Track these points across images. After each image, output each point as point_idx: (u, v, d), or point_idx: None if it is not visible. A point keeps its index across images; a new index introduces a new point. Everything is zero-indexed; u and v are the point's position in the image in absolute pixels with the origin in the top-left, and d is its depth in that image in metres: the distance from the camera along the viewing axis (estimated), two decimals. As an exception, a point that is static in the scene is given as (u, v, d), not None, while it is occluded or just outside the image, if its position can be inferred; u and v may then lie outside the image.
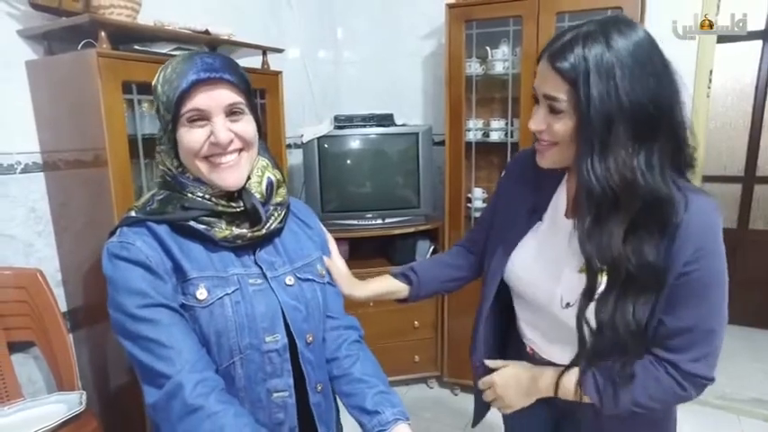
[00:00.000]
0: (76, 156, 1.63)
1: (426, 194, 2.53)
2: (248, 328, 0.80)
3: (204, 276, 0.79)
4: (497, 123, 2.48)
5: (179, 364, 0.73)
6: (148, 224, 0.80)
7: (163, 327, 0.74)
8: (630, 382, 0.83)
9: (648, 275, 0.77)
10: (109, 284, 0.77)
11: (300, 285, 0.89)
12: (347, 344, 0.98)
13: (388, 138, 2.51)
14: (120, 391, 1.81)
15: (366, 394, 0.91)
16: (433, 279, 1.17)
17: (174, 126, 0.78)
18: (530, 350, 1.04)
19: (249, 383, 0.82)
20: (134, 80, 1.58)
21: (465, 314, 2.52)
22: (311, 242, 0.97)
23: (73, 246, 1.77)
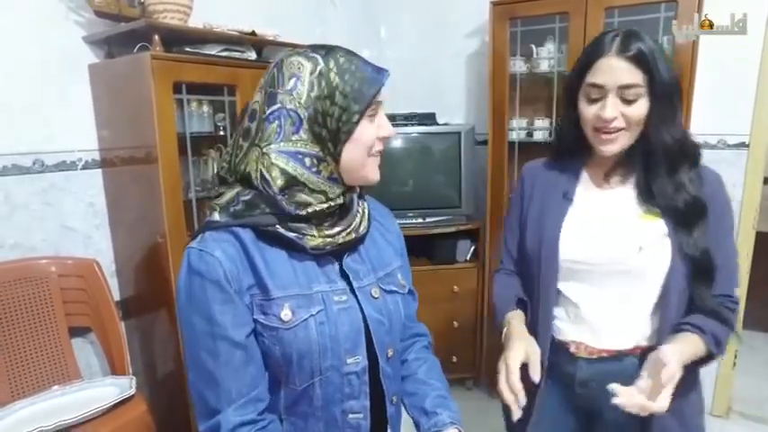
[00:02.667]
0: (130, 153, 1.72)
1: (468, 194, 2.50)
2: (331, 350, 0.77)
3: (289, 296, 0.76)
4: (541, 123, 2.43)
5: (224, 402, 0.74)
6: (233, 229, 0.76)
7: (220, 362, 0.73)
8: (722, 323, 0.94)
9: (700, 207, 0.94)
10: (181, 294, 0.75)
11: (385, 298, 0.86)
12: (417, 348, 0.99)
13: (430, 137, 2.50)
14: (167, 378, 1.90)
15: (427, 395, 0.92)
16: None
17: (359, 119, 0.75)
18: (574, 350, 1.02)
19: (326, 404, 0.80)
20: (184, 80, 1.65)
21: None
22: (391, 247, 0.93)
23: (126, 239, 1.88)
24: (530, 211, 1.08)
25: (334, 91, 0.73)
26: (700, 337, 0.91)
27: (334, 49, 0.77)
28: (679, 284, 0.94)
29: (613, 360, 0.99)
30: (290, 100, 0.74)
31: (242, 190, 0.78)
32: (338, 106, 0.73)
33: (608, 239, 0.97)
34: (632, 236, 0.96)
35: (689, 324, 0.93)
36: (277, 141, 0.74)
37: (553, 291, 1.02)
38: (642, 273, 0.95)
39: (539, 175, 1.10)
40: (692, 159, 0.96)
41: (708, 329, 0.92)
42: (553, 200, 1.05)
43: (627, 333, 0.99)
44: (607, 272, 0.97)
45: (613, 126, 0.93)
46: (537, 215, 1.06)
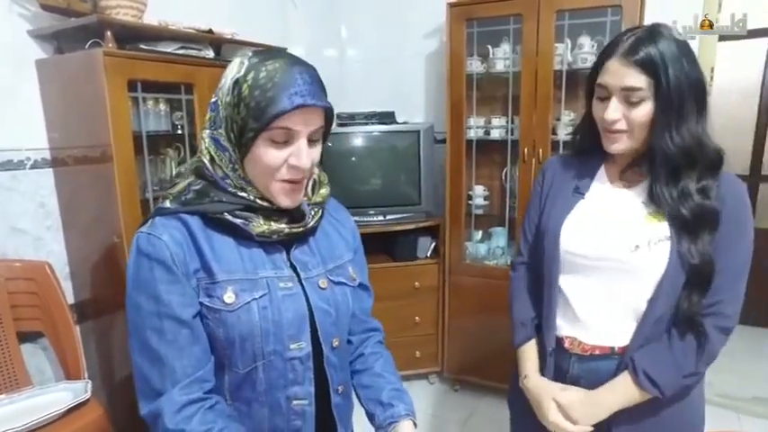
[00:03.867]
0: (84, 152, 1.68)
1: (428, 191, 2.55)
2: (273, 334, 0.79)
3: (233, 279, 0.78)
4: (498, 121, 2.50)
5: (169, 382, 0.74)
6: (181, 216, 0.78)
7: (165, 341, 0.74)
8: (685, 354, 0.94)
9: (710, 216, 0.93)
10: (129, 280, 0.76)
11: (333, 289, 0.88)
12: (372, 343, 1.02)
13: (390, 135, 2.54)
14: (125, 381, 1.86)
15: (383, 388, 0.94)
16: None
17: (254, 137, 0.75)
18: (569, 345, 1.04)
19: (270, 389, 0.81)
20: (139, 78, 1.62)
21: (465, 311, 2.56)
22: (343, 242, 0.95)
23: (80, 240, 1.83)
24: (546, 203, 1.11)
25: (241, 102, 0.75)
26: (633, 383, 0.95)
27: (273, 58, 0.76)
28: (671, 288, 0.94)
29: (604, 358, 1.01)
30: (219, 97, 0.78)
31: (194, 180, 0.81)
32: (240, 117, 0.75)
33: (607, 235, 0.99)
34: (631, 235, 0.97)
35: (632, 362, 0.96)
36: (210, 128, 0.80)
37: (555, 284, 1.04)
38: (635, 272, 0.96)
39: (559, 169, 1.12)
40: (710, 166, 0.94)
41: (642, 371, 0.94)
42: (565, 193, 1.07)
43: (618, 331, 1.00)
44: (603, 267, 0.99)
45: (615, 128, 0.94)
46: (549, 207, 1.09)
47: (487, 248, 2.60)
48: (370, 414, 0.94)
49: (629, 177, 1.02)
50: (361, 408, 0.97)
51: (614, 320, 1.00)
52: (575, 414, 0.98)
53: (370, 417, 0.94)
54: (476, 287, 2.52)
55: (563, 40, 2.22)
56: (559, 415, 1.00)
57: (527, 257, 1.17)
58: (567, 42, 2.24)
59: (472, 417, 2.46)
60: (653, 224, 0.96)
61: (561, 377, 1.06)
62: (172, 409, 0.73)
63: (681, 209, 0.93)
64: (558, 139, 2.30)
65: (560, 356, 1.06)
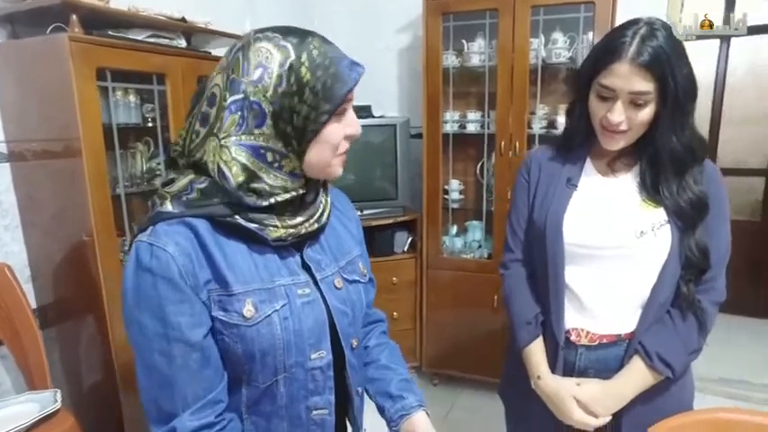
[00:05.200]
0: (46, 146, 1.56)
1: (404, 186, 2.54)
2: (295, 345, 0.74)
3: (251, 291, 0.72)
4: (474, 115, 2.51)
5: (180, 407, 0.70)
6: (187, 220, 0.70)
7: (175, 366, 0.69)
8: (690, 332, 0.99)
9: (702, 204, 0.97)
10: (128, 295, 0.69)
11: (348, 288, 0.84)
12: (377, 334, 0.99)
13: (366, 129, 2.47)
14: (95, 390, 1.75)
15: (392, 380, 0.92)
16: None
17: (328, 119, 0.70)
18: (575, 337, 1.05)
19: (290, 402, 0.77)
20: (108, 66, 1.52)
21: (443, 304, 2.57)
22: (350, 235, 0.91)
23: (42, 240, 1.70)
24: (536, 196, 1.10)
25: (304, 87, 0.68)
26: (647, 367, 0.99)
27: (307, 37, 0.71)
28: (674, 271, 0.97)
29: (612, 346, 1.03)
30: (254, 92, 0.68)
31: (196, 177, 0.72)
32: (306, 104, 0.68)
33: (610, 224, 1.00)
34: (633, 221, 0.99)
35: (642, 347, 1.00)
36: (237, 134, 0.69)
37: (562, 277, 1.04)
38: (641, 257, 0.99)
39: (544, 162, 1.12)
40: (698, 157, 0.98)
41: (655, 354, 0.98)
42: (558, 186, 1.07)
43: (625, 317, 1.02)
44: (608, 256, 1.00)
45: (618, 129, 0.95)
46: (542, 201, 1.08)
47: (464, 242, 2.62)
48: (380, 407, 0.91)
49: (617, 167, 1.05)
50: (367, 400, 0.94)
51: (620, 308, 1.02)
52: (596, 408, 1.00)
53: (380, 409, 0.92)
54: (453, 281, 2.53)
55: (537, 35, 2.25)
56: (582, 412, 1.01)
57: (519, 254, 1.16)
58: (541, 38, 2.27)
59: (453, 410, 2.48)
60: (650, 210, 0.99)
61: (569, 370, 1.07)
62: None
63: (680, 201, 0.96)
64: (533, 133, 2.34)
65: (567, 349, 1.06)
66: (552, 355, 1.08)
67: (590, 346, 1.04)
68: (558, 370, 1.07)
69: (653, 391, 1.01)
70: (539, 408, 1.08)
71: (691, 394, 1.09)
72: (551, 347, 1.08)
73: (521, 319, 1.11)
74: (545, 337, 1.10)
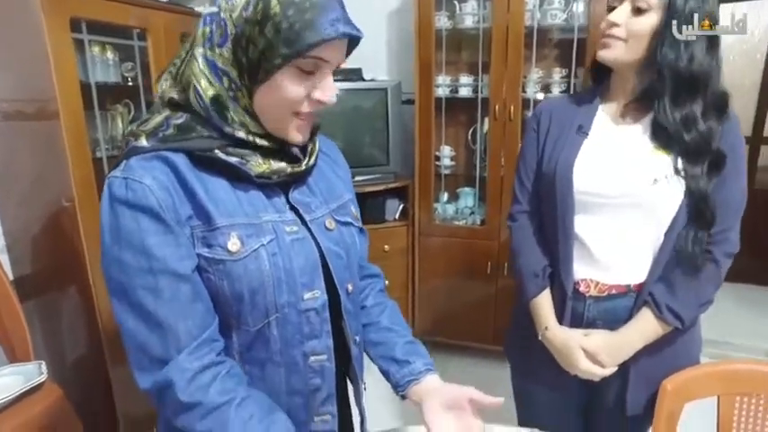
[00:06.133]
0: (18, 107, 1.46)
1: (395, 152, 2.48)
2: (286, 283, 0.70)
3: (236, 224, 0.67)
4: (466, 79, 2.45)
5: (173, 348, 0.63)
6: (163, 154, 0.65)
7: (163, 300, 0.63)
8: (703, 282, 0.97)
9: (707, 147, 0.93)
10: (105, 233, 0.64)
11: (340, 229, 0.80)
12: (374, 292, 0.94)
13: (357, 93, 2.42)
14: (81, 363, 1.70)
15: (396, 343, 0.87)
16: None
17: (280, 64, 0.63)
18: (584, 288, 1.03)
19: (285, 346, 0.72)
20: (83, 17, 1.42)
21: (435, 272, 2.55)
22: (341, 181, 0.86)
23: (17, 209, 1.61)
24: (546, 146, 1.07)
25: (268, 20, 0.62)
26: (656, 318, 0.98)
27: None
28: (686, 221, 0.96)
29: (621, 297, 1.02)
30: (225, 8, 0.64)
31: (172, 113, 0.68)
32: (265, 38, 0.62)
33: (622, 171, 0.98)
34: (646, 169, 0.96)
35: (652, 297, 0.98)
36: (205, 47, 0.66)
37: (571, 227, 1.01)
38: (654, 206, 0.97)
39: (555, 111, 1.09)
40: (716, 107, 0.94)
41: (665, 306, 0.97)
42: (568, 134, 1.04)
43: (635, 267, 1.00)
44: (620, 204, 0.98)
45: (612, 32, 0.94)
46: (552, 149, 1.05)
47: (456, 209, 2.59)
48: (384, 372, 0.87)
49: (629, 115, 1.02)
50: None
51: (630, 258, 1.01)
52: (603, 358, 0.99)
53: (385, 375, 0.87)
54: (445, 248, 2.50)
55: (532, -5, 2.19)
56: (588, 362, 1.00)
57: (527, 206, 1.13)
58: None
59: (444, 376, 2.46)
60: (662, 157, 0.96)
61: (577, 321, 1.06)
62: (184, 378, 0.63)
63: (684, 135, 0.93)
64: (527, 98, 2.29)
65: (575, 300, 1.05)
66: (560, 307, 1.06)
67: (599, 297, 1.03)
68: (565, 321, 1.05)
69: (661, 343, 1.00)
70: (545, 362, 1.07)
71: (698, 347, 1.09)
72: (559, 299, 1.06)
73: (529, 271, 1.09)
74: (553, 289, 1.08)
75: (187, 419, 0.64)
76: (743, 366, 1.04)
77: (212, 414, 0.63)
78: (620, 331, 1.00)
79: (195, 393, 0.63)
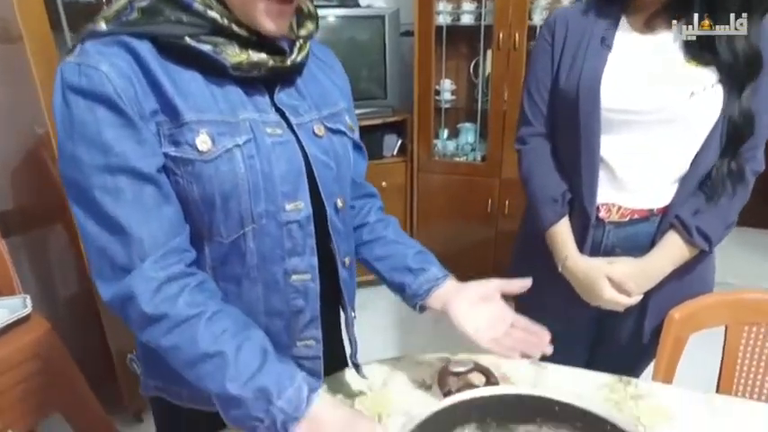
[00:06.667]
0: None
1: (393, 85, 2.36)
2: (264, 190, 0.63)
3: (206, 120, 0.59)
4: (469, 5, 2.29)
5: (137, 255, 0.57)
6: (124, 39, 0.57)
7: (124, 202, 0.56)
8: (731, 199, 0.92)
9: (756, 61, 0.85)
10: (59, 127, 0.57)
11: (331, 138, 0.72)
12: (375, 209, 0.89)
13: (353, 22, 2.27)
14: (72, 300, 1.67)
15: (406, 254, 0.82)
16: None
17: None
18: (605, 214, 0.97)
19: (263, 262, 0.67)
20: None
21: (434, 209, 2.49)
22: (336, 88, 0.78)
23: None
24: (563, 61, 0.97)
25: None
26: (685, 241, 0.92)
27: None
28: (720, 139, 0.89)
29: (643, 222, 0.96)
30: None
31: None
32: None
33: (656, 85, 0.89)
34: (681, 81, 0.88)
35: (680, 220, 0.92)
36: None
37: (597, 147, 0.93)
38: (689, 122, 0.89)
39: (572, 20, 0.98)
40: (755, 7, 0.85)
41: (694, 227, 0.91)
42: (590, 46, 0.94)
43: (661, 190, 0.95)
44: (650, 121, 0.90)
45: None
46: (571, 62, 0.96)
47: (456, 145, 2.51)
48: (398, 285, 0.82)
49: (656, 25, 0.92)
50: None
51: (656, 180, 0.94)
52: (630, 286, 0.94)
53: (398, 288, 0.82)
54: (445, 185, 2.45)
55: None
56: (614, 291, 0.95)
57: (541, 127, 1.04)
58: None
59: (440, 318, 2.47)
60: (698, 69, 0.88)
61: (595, 250, 1.00)
62: (148, 289, 0.57)
63: (738, 53, 0.84)
64: (534, 24, 2.14)
65: (594, 227, 0.98)
66: (580, 235, 1.00)
67: (620, 222, 0.97)
68: (585, 250, 1.00)
69: (681, 269, 0.95)
70: (552, 295, 1.02)
71: (713, 273, 1.04)
72: (579, 226, 1.00)
73: (546, 196, 1.01)
74: (571, 217, 1.01)
75: (152, 334, 0.58)
76: (753, 296, 0.99)
77: (180, 327, 0.57)
78: (648, 257, 0.95)
79: (161, 305, 0.57)
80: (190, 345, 0.57)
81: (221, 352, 0.57)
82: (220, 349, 0.57)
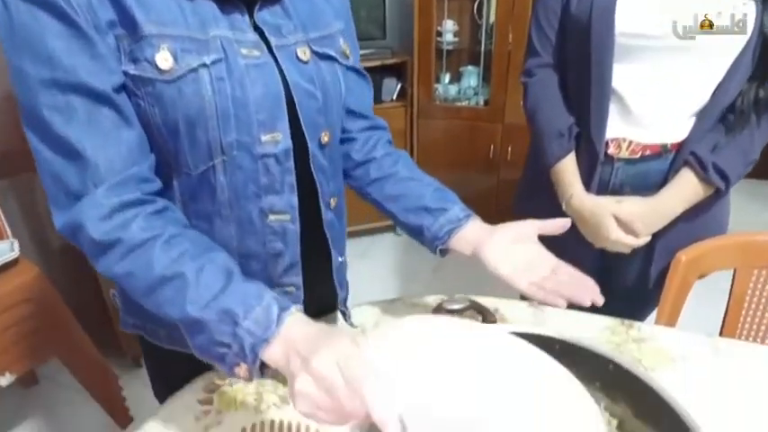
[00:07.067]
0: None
1: (393, 26, 2.25)
2: (236, 117, 0.57)
3: (169, 35, 0.53)
4: (474, -64, 2.15)
5: (90, 181, 0.52)
6: None
7: (77, 123, 0.51)
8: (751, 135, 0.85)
9: None
10: (3, 38, 0.50)
11: (318, 64, 0.64)
12: (382, 143, 0.79)
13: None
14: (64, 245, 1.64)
15: (424, 192, 0.74)
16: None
17: None
18: (614, 150, 0.91)
19: (236, 198, 0.61)
20: None
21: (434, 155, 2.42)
22: (330, 7, 0.69)
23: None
24: None
25: None
26: (700, 179, 0.86)
27: None
28: (747, 66, 0.82)
29: (655, 158, 0.91)
30: None
31: None
32: None
33: (676, 6, 0.81)
34: (704, 4, 0.79)
35: (696, 156, 0.86)
36: None
37: (609, 76, 0.87)
38: (711, 49, 0.82)
39: None
40: None
41: (711, 164, 0.85)
42: None
43: (676, 124, 0.88)
44: (670, 47, 0.83)
45: None
46: None
47: (458, 89, 2.41)
48: (415, 228, 0.75)
49: None
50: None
51: (672, 112, 0.88)
52: (638, 226, 0.89)
53: (415, 231, 0.75)
54: (446, 130, 2.37)
55: None
56: (620, 231, 0.90)
57: (549, 57, 0.97)
58: None
59: (441, 264, 2.46)
60: None
61: (602, 188, 0.95)
62: (97, 215, 0.51)
63: None
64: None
65: (602, 164, 0.93)
66: (587, 173, 0.94)
67: (630, 159, 0.91)
68: (592, 189, 0.94)
69: (694, 210, 0.90)
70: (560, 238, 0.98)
71: (728, 214, 0.99)
72: (586, 163, 0.94)
73: (552, 130, 0.95)
74: (578, 153, 0.96)
75: (105, 262, 0.53)
76: (764, 238, 0.95)
77: (133, 253, 0.52)
78: (658, 196, 0.90)
79: (112, 232, 0.52)
80: (145, 270, 0.52)
81: (180, 273, 0.51)
82: (179, 271, 0.51)
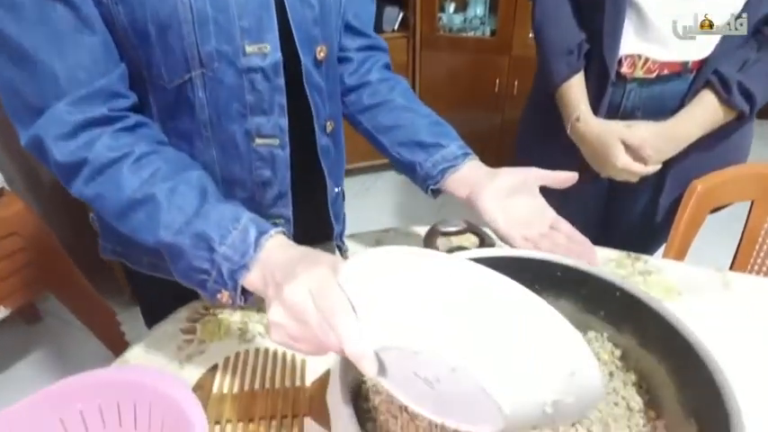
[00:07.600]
0: None
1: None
2: (215, 23, 0.50)
3: None
4: None
5: (50, 93, 0.46)
6: None
7: (27, 23, 0.44)
8: None
9: None
10: None
11: None
12: (378, 66, 0.72)
13: None
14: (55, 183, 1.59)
15: (419, 125, 0.67)
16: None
17: None
18: (628, 68, 0.84)
19: (217, 117, 0.55)
20: None
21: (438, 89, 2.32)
22: None
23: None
24: None
25: None
26: (721, 102, 0.78)
27: None
28: None
29: (673, 79, 0.83)
30: None
31: None
32: None
33: None
34: None
35: (719, 75, 0.78)
36: None
37: None
38: None
39: None
40: None
41: (736, 83, 0.77)
42: None
43: (702, 39, 0.79)
44: None
45: None
46: None
47: (463, 19, 2.27)
48: (406, 164, 0.68)
49: None
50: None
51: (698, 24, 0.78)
52: (648, 152, 0.82)
53: (407, 168, 0.69)
54: (450, 63, 2.26)
55: None
56: (628, 157, 0.83)
57: None
58: None
59: (445, 202, 2.41)
60: None
61: (612, 112, 0.87)
62: (60, 133, 0.47)
63: None
64: None
65: (613, 86, 0.85)
66: (595, 95, 0.87)
67: (645, 79, 0.83)
68: (601, 112, 0.87)
69: (714, 136, 0.83)
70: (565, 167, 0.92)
71: (750, 141, 0.92)
72: (595, 84, 0.86)
73: (560, 48, 0.87)
74: (587, 73, 0.88)
75: (74, 184, 0.49)
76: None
77: (101, 174, 0.48)
78: (672, 120, 0.82)
79: (77, 151, 0.47)
80: (114, 192, 0.48)
81: (151, 195, 0.47)
82: (149, 192, 0.47)
